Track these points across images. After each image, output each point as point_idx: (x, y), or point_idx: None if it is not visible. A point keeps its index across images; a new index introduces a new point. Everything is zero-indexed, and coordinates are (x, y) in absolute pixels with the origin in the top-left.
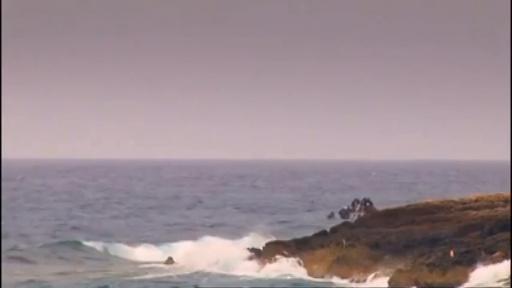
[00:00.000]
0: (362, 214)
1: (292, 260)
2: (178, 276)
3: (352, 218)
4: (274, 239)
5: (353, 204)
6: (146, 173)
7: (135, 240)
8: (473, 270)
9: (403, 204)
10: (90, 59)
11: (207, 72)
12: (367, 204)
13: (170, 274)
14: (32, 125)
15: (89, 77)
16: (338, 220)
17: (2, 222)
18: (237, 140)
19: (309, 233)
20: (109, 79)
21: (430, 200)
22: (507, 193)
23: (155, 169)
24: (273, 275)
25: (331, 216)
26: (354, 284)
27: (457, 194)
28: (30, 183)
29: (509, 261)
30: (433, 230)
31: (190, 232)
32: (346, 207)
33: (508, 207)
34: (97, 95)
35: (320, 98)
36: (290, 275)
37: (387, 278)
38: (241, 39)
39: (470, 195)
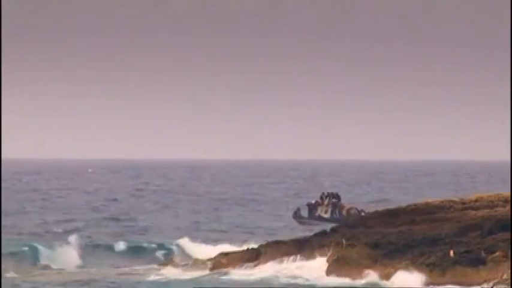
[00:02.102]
0: (330, 209)
1: (292, 260)
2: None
3: (320, 211)
4: None
5: (321, 198)
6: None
7: None
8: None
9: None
10: (91, 58)
11: (206, 72)
12: (334, 199)
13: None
14: (32, 125)
15: (89, 76)
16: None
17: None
18: (236, 140)
19: None
20: (109, 79)
21: (430, 200)
22: (507, 193)
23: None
24: (273, 274)
25: (297, 211)
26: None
27: None
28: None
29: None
30: (433, 230)
31: None
32: (313, 202)
33: (508, 207)
34: (97, 95)
35: (320, 98)
36: (291, 274)
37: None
38: (242, 38)
39: (470, 195)
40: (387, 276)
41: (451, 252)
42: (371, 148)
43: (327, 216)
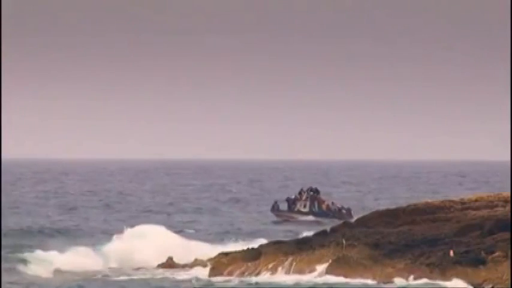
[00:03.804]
0: (308, 203)
1: (291, 260)
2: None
3: (299, 206)
4: None
5: (300, 193)
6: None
7: None
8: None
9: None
10: (92, 58)
11: (206, 72)
12: (312, 193)
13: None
14: (32, 124)
15: (90, 76)
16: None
17: None
18: (233, 140)
19: None
20: (109, 79)
21: (430, 200)
22: (507, 193)
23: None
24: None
25: (275, 205)
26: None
27: None
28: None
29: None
30: (433, 230)
31: None
32: (293, 197)
33: (508, 207)
34: (98, 95)
35: (320, 98)
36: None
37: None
38: (244, 39)
39: (470, 195)
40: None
41: (451, 252)
42: (372, 148)
43: (305, 210)
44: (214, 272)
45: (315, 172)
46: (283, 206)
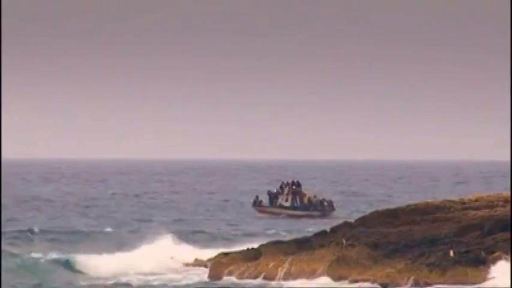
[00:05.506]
0: (290, 197)
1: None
2: None
3: (281, 200)
4: None
5: (281, 187)
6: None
7: None
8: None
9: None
10: (91, 58)
11: (206, 73)
12: (294, 187)
13: None
14: (33, 124)
15: (90, 76)
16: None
17: None
18: (232, 140)
19: None
20: (109, 79)
21: (430, 200)
22: (507, 193)
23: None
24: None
25: (256, 200)
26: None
27: None
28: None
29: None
30: (433, 230)
31: None
32: (275, 190)
33: (508, 207)
34: (99, 95)
35: (319, 98)
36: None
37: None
38: (244, 39)
39: (470, 195)
40: None
41: (451, 252)
42: (372, 148)
43: (287, 204)
44: (214, 272)
45: (332, 171)
46: (266, 201)
